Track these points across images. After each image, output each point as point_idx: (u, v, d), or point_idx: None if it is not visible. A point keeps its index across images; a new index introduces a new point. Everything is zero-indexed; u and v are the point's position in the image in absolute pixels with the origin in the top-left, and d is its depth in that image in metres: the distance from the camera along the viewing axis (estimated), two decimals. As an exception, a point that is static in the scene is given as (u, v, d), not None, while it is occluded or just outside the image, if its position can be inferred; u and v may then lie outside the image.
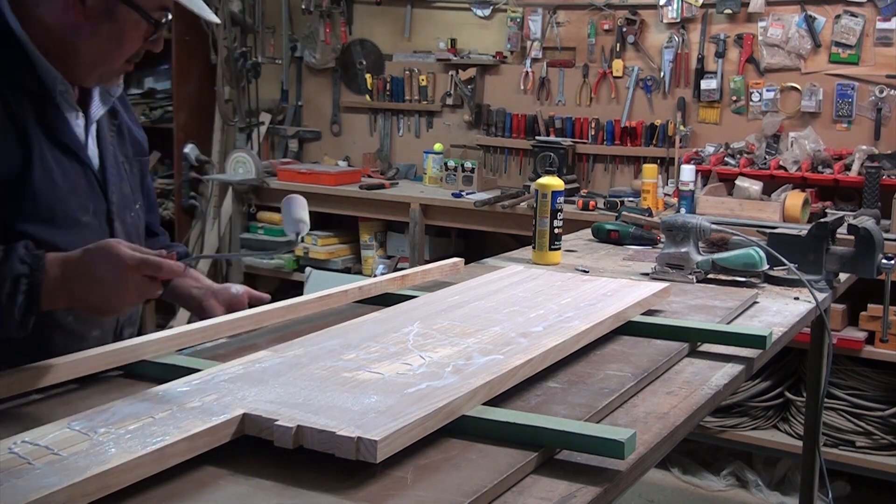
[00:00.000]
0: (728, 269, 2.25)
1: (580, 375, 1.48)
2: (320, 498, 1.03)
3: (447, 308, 1.73)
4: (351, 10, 5.25)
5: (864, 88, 4.01)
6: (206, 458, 1.10)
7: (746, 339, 1.71)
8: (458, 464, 1.12)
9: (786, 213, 3.63)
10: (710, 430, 3.80)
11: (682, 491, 3.88)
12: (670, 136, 4.35)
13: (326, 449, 1.09)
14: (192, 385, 1.26)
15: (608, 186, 4.52)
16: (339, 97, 5.34)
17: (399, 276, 2.06)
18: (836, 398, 3.64)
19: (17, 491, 0.93)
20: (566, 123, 4.63)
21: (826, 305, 2.24)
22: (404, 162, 5.15)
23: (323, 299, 1.83)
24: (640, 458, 1.20)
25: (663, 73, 4.44)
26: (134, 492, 1.01)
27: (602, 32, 4.56)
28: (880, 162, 3.74)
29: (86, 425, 1.11)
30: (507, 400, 1.34)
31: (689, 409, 1.41)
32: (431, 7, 5.04)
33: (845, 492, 3.74)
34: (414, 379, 1.29)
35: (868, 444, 3.60)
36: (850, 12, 4.01)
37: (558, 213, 2.44)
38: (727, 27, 4.29)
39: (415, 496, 1.04)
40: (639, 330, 1.74)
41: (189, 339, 1.56)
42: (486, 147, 4.87)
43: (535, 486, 1.11)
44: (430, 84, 5.03)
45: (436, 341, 1.49)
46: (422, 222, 4.48)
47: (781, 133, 4.10)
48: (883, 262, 2.21)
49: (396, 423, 1.11)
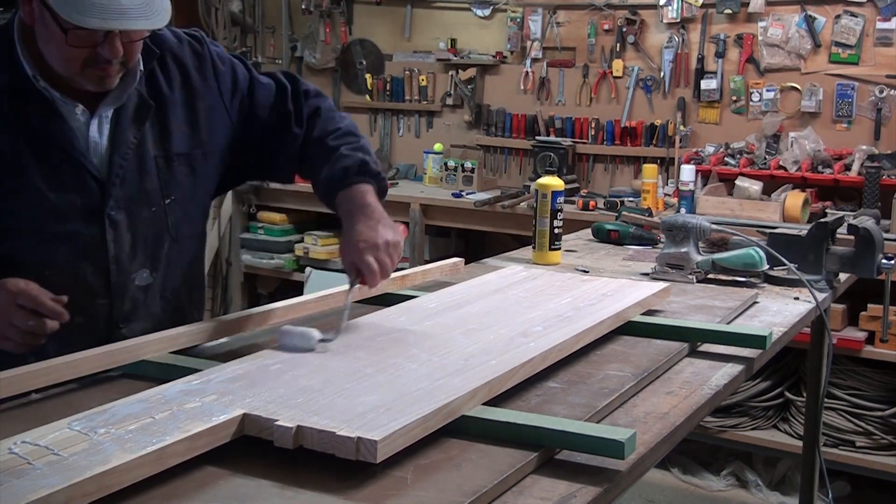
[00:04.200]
0: (728, 269, 2.25)
1: (580, 375, 1.48)
2: (320, 498, 1.03)
3: (447, 308, 1.73)
4: (351, 10, 5.25)
5: (864, 88, 4.01)
6: (206, 458, 1.10)
7: (746, 339, 1.71)
8: (459, 464, 1.12)
9: (786, 213, 3.63)
10: (710, 430, 3.80)
11: (682, 491, 3.88)
12: (670, 136, 4.35)
13: (326, 449, 1.09)
14: (192, 385, 1.26)
15: (608, 186, 4.52)
16: (339, 97, 5.34)
17: (399, 276, 2.05)
18: (836, 398, 3.64)
19: (18, 491, 0.93)
20: (566, 123, 4.63)
21: (826, 305, 2.24)
22: (404, 162, 5.15)
23: (323, 299, 1.83)
24: (640, 458, 1.20)
25: (663, 73, 4.44)
26: (134, 492, 1.01)
27: (602, 32, 4.56)
28: (880, 162, 3.74)
29: (86, 425, 1.11)
30: (507, 400, 1.34)
31: (689, 409, 1.41)
32: (431, 7, 5.04)
33: (845, 492, 3.74)
34: (414, 379, 1.29)
35: (868, 444, 3.60)
36: (850, 12, 4.01)
37: (558, 213, 2.44)
38: (727, 27, 4.29)
39: (415, 496, 1.04)
40: (639, 330, 1.74)
41: (189, 339, 1.56)
42: (486, 147, 4.87)
43: (536, 486, 1.11)
44: (430, 84, 5.03)
45: (436, 341, 1.49)
46: (422, 222, 4.48)
47: (781, 133, 4.10)
48: (883, 262, 2.21)
49: (396, 423, 1.11)
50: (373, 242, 1.57)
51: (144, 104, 1.64)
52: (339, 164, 1.69)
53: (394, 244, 1.59)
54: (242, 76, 1.80)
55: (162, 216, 1.69)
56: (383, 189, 1.71)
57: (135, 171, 1.63)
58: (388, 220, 1.63)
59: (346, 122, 1.81)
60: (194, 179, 1.74)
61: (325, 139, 1.76)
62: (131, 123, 1.63)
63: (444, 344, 1.47)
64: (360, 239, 1.58)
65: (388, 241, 1.58)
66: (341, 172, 1.68)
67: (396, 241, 1.60)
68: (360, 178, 1.67)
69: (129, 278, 1.66)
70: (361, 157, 1.69)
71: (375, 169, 1.70)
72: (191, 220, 1.77)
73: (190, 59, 1.73)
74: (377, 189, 1.68)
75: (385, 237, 1.58)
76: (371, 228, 1.59)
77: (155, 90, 1.67)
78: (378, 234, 1.58)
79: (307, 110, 1.80)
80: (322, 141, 1.76)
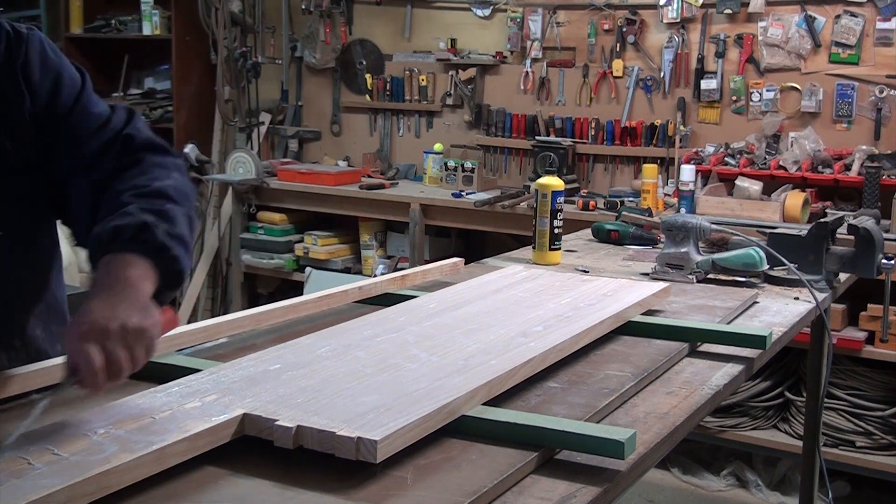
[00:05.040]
0: (728, 269, 2.25)
1: (580, 375, 1.48)
2: (320, 498, 1.03)
3: (447, 308, 1.73)
4: (351, 10, 5.24)
5: (864, 88, 4.01)
6: (206, 458, 1.10)
7: (746, 339, 1.71)
8: (459, 464, 1.12)
9: (786, 213, 3.63)
10: (710, 430, 3.80)
11: (682, 491, 3.88)
12: (670, 136, 4.35)
13: (326, 449, 1.09)
14: (192, 385, 1.26)
15: (608, 186, 4.52)
16: (339, 97, 5.34)
17: (399, 276, 2.06)
18: (836, 398, 3.64)
19: (18, 491, 0.93)
20: (566, 123, 4.63)
21: (826, 305, 2.24)
22: (404, 162, 5.15)
23: (323, 299, 1.83)
24: (640, 458, 1.20)
25: (663, 73, 4.43)
26: (134, 492, 1.01)
27: (602, 32, 4.56)
28: (880, 162, 3.74)
29: (86, 425, 1.11)
30: (507, 400, 1.34)
31: (689, 409, 1.41)
32: (431, 7, 5.04)
33: (845, 492, 3.74)
34: (414, 379, 1.29)
35: (868, 444, 3.60)
36: (850, 12, 4.00)
37: (558, 213, 2.44)
38: (727, 27, 4.29)
39: (415, 496, 1.04)
40: (639, 330, 1.74)
41: (189, 339, 1.56)
42: (486, 147, 4.87)
43: (536, 486, 1.11)
44: (430, 84, 5.03)
45: (436, 341, 1.49)
46: (422, 222, 4.48)
47: (781, 133, 4.10)
48: (883, 262, 2.21)
49: (396, 423, 1.11)
50: (101, 326, 1.12)
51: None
52: (112, 222, 1.24)
53: (136, 331, 1.13)
54: (67, 93, 1.40)
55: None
56: (171, 273, 1.24)
57: None
58: (145, 301, 1.18)
59: (168, 182, 1.34)
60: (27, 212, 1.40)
61: (122, 194, 1.31)
62: None
63: (444, 344, 1.47)
64: (87, 319, 1.13)
65: (125, 325, 1.13)
66: (111, 233, 1.23)
67: (140, 328, 1.14)
68: (132, 244, 1.22)
69: None
70: (145, 221, 1.23)
71: (161, 241, 1.23)
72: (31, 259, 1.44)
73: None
74: (157, 268, 1.22)
75: (123, 320, 1.13)
76: (108, 307, 1.14)
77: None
78: (114, 316, 1.13)
79: (121, 161, 1.37)
80: (119, 195, 1.30)
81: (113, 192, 1.32)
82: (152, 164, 1.38)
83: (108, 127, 1.41)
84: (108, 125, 1.41)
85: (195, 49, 5.36)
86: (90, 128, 1.40)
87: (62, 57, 1.44)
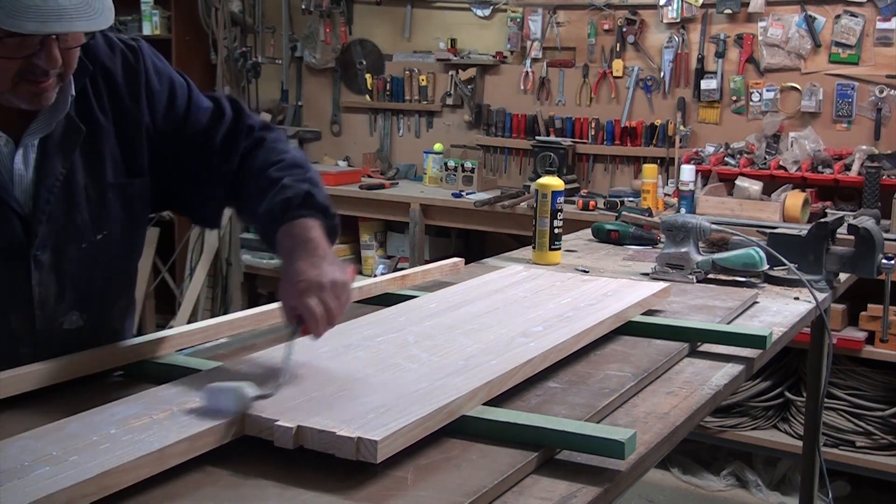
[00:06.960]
0: (728, 269, 2.25)
1: (580, 375, 1.48)
2: (320, 498, 1.03)
3: (447, 308, 1.73)
4: (351, 10, 5.25)
5: (864, 88, 4.01)
6: (206, 458, 1.10)
7: (746, 339, 1.71)
8: (459, 464, 1.12)
9: (786, 213, 3.63)
10: (710, 430, 3.80)
11: (682, 491, 3.88)
12: (670, 136, 4.35)
13: (326, 449, 1.09)
14: (192, 385, 1.26)
15: (608, 186, 4.52)
16: (339, 97, 5.34)
17: (399, 276, 2.06)
18: (836, 398, 3.64)
19: (18, 491, 0.93)
20: (566, 123, 4.63)
21: (826, 305, 2.24)
22: (404, 162, 5.15)
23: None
24: (640, 458, 1.20)
25: (663, 73, 4.44)
26: (134, 492, 1.01)
27: (602, 32, 4.56)
28: (880, 162, 3.74)
29: (87, 425, 1.11)
30: (507, 400, 1.34)
31: (689, 409, 1.41)
32: (431, 7, 5.04)
33: (845, 492, 3.74)
34: (414, 379, 1.29)
35: (868, 444, 3.60)
36: (850, 12, 4.00)
37: (558, 213, 2.44)
38: (727, 27, 4.29)
39: (415, 496, 1.04)
40: (639, 330, 1.74)
41: (189, 339, 1.56)
42: (486, 147, 4.87)
43: (536, 486, 1.11)
44: (430, 84, 5.03)
45: (436, 341, 1.49)
46: (422, 222, 4.48)
47: (781, 133, 4.10)
48: (883, 262, 2.21)
49: (396, 423, 1.11)
50: (316, 282, 1.34)
51: (73, 128, 1.43)
52: (279, 195, 1.46)
53: (341, 284, 1.36)
54: (181, 96, 1.58)
55: (93, 253, 1.49)
56: (332, 229, 1.47)
57: (63, 204, 1.44)
58: (335, 258, 1.41)
59: (292, 152, 1.59)
60: (128, 212, 1.54)
61: (265, 171, 1.52)
62: (59, 151, 1.43)
63: (444, 344, 1.47)
64: (301, 279, 1.34)
65: (334, 280, 1.35)
66: (282, 205, 1.44)
67: (344, 282, 1.37)
68: (304, 211, 1.44)
69: (57, 322, 1.47)
70: (307, 189, 1.46)
71: (323, 203, 1.47)
72: (125, 255, 1.58)
73: (121, 73, 1.51)
74: (325, 226, 1.45)
75: (331, 276, 1.35)
76: (314, 266, 1.36)
77: (84, 112, 1.45)
78: (322, 273, 1.35)
79: (245, 144, 1.58)
80: (263, 173, 1.52)
81: (253, 172, 1.54)
82: (273, 140, 1.59)
83: (224, 120, 1.59)
84: (222, 118, 1.59)
85: (195, 49, 5.36)
86: (208, 124, 1.58)
87: (166, 62, 1.60)
